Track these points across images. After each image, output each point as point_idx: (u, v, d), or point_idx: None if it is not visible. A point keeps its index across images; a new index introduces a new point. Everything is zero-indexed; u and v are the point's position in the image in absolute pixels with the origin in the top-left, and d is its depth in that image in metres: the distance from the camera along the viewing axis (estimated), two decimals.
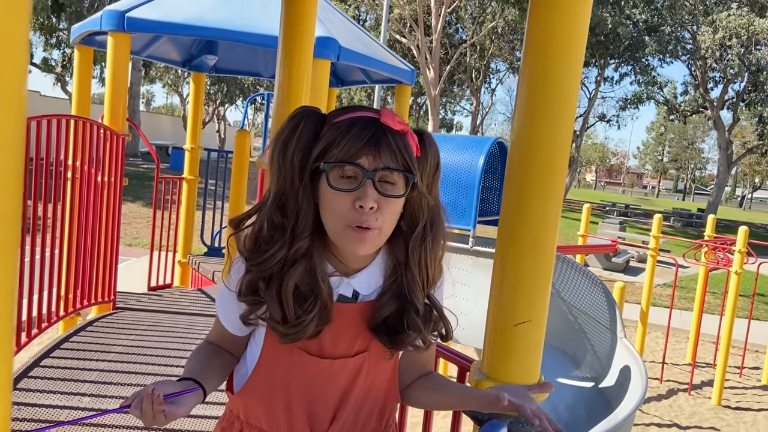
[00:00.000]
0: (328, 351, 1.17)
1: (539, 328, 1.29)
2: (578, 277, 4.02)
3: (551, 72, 1.29)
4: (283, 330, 1.12)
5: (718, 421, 6.23)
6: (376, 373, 1.22)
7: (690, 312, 9.48)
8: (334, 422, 1.19)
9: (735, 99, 29.28)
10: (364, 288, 1.19)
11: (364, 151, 1.07)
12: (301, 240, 1.11)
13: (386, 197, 1.08)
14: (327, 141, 1.09)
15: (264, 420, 1.20)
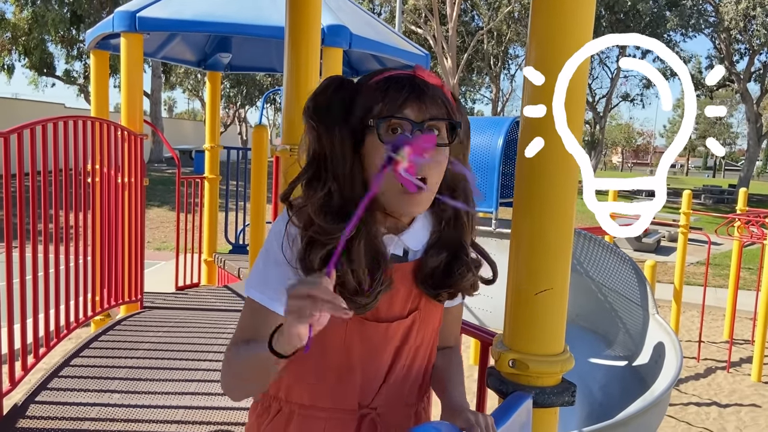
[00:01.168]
0: (384, 314, 1.16)
1: (561, 295, 1.24)
2: (606, 255, 3.95)
3: (559, 39, 1.25)
4: (359, 300, 1.08)
5: (759, 398, 6.09)
6: (425, 330, 1.21)
7: (725, 289, 9.28)
8: (384, 386, 1.18)
9: (762, 70, 28.58)
10: (414, 244, 1.18)
11: (408, 104, 1.06)
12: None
13: (436, 147, 1.07)
14: (368, 101, 1.08)
15: (306, 395, 1.18)
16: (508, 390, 1.22)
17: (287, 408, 1.19)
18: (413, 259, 1.18)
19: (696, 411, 5.61)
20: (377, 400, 1.17)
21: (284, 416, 1.19)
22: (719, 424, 5.32)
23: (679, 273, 7.40)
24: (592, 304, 3.93)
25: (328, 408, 1.17)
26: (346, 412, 1.17)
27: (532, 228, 1.26)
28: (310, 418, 1.18)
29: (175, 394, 2.69)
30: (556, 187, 1.25)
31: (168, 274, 7.73)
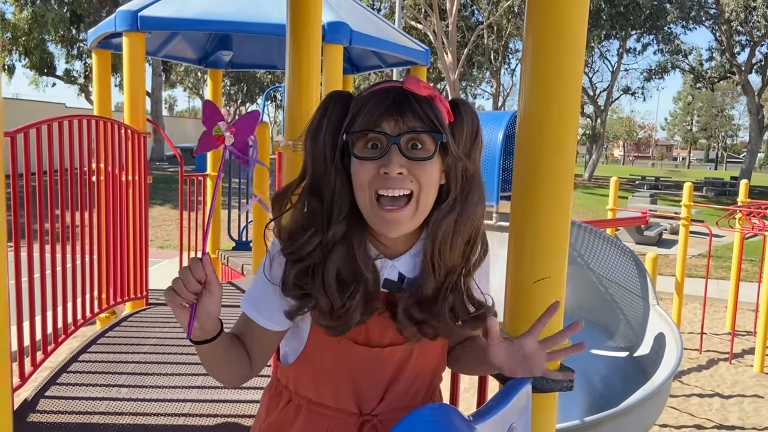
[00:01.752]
0: (376, 340, 1.14)
1: (559, 284, 1.27)
2: (607, 247, 3.97)
3: (555, 33, 1.28)
4: (330, 323, 1.08)
5: (761, 389, 6.12)
6: (427, 355, 1.19)
7: (727, 281, 9.30)
8: (383, 401, 1.17)
9: (763, 62, 28.52)
10: (410, 270, 1.14)
11: (385, 117, 1.03)
12: (337, 223, 1.07)
13: (416, 161, 1.04)
14: (352, 114, 1.07)
15: (313, 392, 1.19)
16: (508, 377, 1.26)
17: (297, 400, 1.21)
18: (407, 286, 1.13)
19: (698, 402, 5.63)
20: (378, 409, 1.18)
21: (294, 407, 1.21)
22: (722, 414, 5.35)
23: (681, 265, 7.42)
24: (593, 296, 3.96)
25: (333, 407, 1.18)
26: (348, 414, 1.17)
27: (529, 219, 1.29)
28: (317, 414, 1.18)
29: (182, 388, 2.73)
30: (553, 178, 1.27)
31: (171, 272, 7.78)
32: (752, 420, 5.26)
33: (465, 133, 1.10)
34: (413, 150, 1.04)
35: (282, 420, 1.22)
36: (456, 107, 1.11)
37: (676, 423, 5.09)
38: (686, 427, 5.04)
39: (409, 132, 1.03)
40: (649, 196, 18.08)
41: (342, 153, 1.08)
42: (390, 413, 1.18)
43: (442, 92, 12.67)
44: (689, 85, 43.87)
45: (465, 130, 1.10)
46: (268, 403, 1.27)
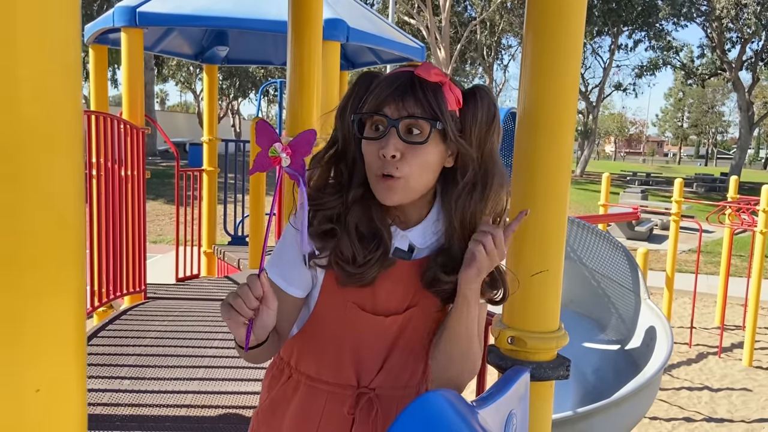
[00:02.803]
0: (382, 307, 1.20)
1: (556, 276, 1.33)
2: (599, 243, 4.04)
3: (554, 30, 1.32)
4: (351, 269, 1.14)
5: (750, 382, 6.21)
6: (421, 327, 1.24)
7: (716, 276, 9.40)
8: (381, 371, 1.23)
9: (753, 59, 28.70)
10: (419, 241, 1.20)
11: (388, 101, 1.10)
12: (354, 188, 1.16)
13: (411, 144, 1.10)
14: (367, 96, 1.15)
15: (313, 367, 1.24)
16: (507, 365, 1.31)
17: (296, 376, 1.26)
18: (418, 257, 1.20)
19: (688, 395, 5.71)
20: (375, 382, 1.22)
21: (293, 383, 1.26)
22: (711, 407, 5.43)
23: (671, 260, 7.50)
24: (585, 290, 4.02)
25: (331, 383, 1.23)
26: (345, 387, 1.22)
27: (529, 214, 1.34)
28: (314, 389, 1.23)
29: (183, 379, 2.77)
30: (551, 174, 1.33)
31: (166, 266, 7.79)
32: (741, 413, 5.34)
33: (479, 119, 1.15)
34: (409, 134, 1.11)
35: (281, 396, 1.27)
36: (472, 94, 1.17)
37: (666, 416, 5.17)
38: (676, 419, 5.12)
39: (408, 117, 1.10)
40: (640, 192, 18.21)
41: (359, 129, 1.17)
42: (387, 389, 1.23)
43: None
44: (680, 82, 44.11)
45: (479, 116, 1.15)
46: (270, 381, 1.32)
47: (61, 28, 0.45)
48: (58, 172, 0.45)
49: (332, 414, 1.23)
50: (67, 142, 0.46)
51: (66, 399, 0.45)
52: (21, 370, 0.41)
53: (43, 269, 0.42)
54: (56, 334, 0.43)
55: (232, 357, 3.05)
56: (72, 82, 0.47)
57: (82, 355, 0.46)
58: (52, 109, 0.44)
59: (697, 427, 5.00)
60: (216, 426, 2.42)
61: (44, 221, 0.43)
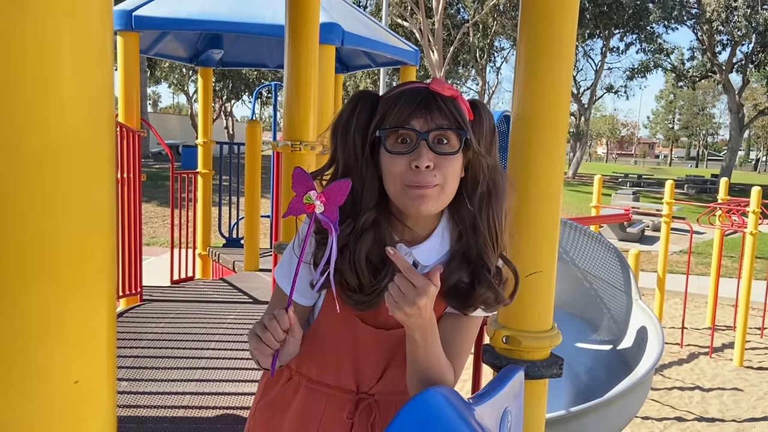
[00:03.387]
0: (383, 321, 1.22)
1: (549, 277, 1.36)
2: (591, 244, 4.08)
3: (547, 34, 1.36)
4: (359, 298, 1.17)
5: (741, 382, 6.25)
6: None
7: (707, 277, 9.46)
8: (381, 381, 1.25)
9: (744, 61, 28.91)
10: (425, 258, 1.22)
11: (415, 115, 1.13)
12: (367, 211, 1.17)
13: (442, 155, 1.13)
14: (382, 112, 1.16)
15: (314, 370, 1.27)
16: (501, 364, 1.35)
17: (296, 378, 1.29)
18: (422, 273, 1.20)
19: (680, 395, 5.75)
20: (375, 389, 1.25)
21: (293, 384, 1.29)
22: (702, 407, 5.47)
23: (663, 261, 7.55)
24: (578, 291, 4.06)
25: (331, 386, 1.26)
26: (345, 392, 1.25)
27: (521, 215, 1.37)
28: (315, 392, 1.26)
29: (181, 381, 2.79)
30: (544, 177, 1.36)
31: (160, 269, 7.78)
32: (732, 412, 5.39)
33: (485, 129, 1.21)
34: (440, 145, 1.14)
35: (281, 397, 1.30)
36: (475, 107, 1.21)
37: (658, 415, 5.20)
38: (668, 419, 5.15)
39: (436, 129, 1.13)
40: (632, 194, 18.31)
41: (371, 148, 1.19)
42: (386, 395, 1.26)
43: None
44: (671, 84, 44.34)
45: (484, 127, 1.21)
46: (267, 381, 1.35)
47: (98, 36, 0.49)
48: (95, 176, 0.49)
49: (332, 417, 1.25)
50: (102, 147, 0.49)
51: (100, 389, 0.48)
52: (64, 364, 0.44)
53: (84, 270, 0.46)
54: (92, 330, 0.46)
55: (229, 358, 3.08)
56: (106, 90, 0.51)
57: (112, 349, 0.50)
58: (90, 117, 0.48)
59: (689, 426, 5.04)
60: (214, 426, 2.45)
61: (83, 225, 0.47)
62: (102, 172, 0.49)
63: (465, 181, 1.21)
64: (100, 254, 0.48)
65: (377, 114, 1.18)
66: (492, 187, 1.21)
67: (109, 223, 0.49)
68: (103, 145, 0.49)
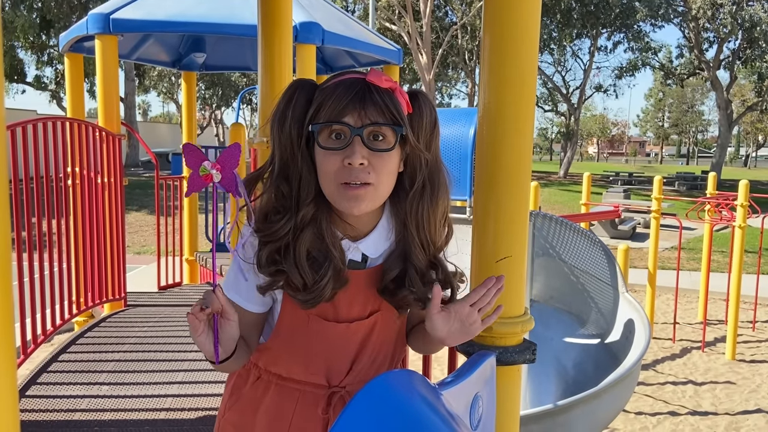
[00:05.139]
0: (344, 315, 1.21)
1: (520, 263, 1.35)
2: (577, 238, 4.07)
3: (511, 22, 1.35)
4: (303, 297, 1.14)
5: (733, 375, 6.26)
6: (388, 329, 1.26)
7: (698, 272, 9.49)
8: (350, 373, 1.24)
9: (731, 58, 29.12)
10: (372, 251, 1.21)
11: (349, 109, 1.09)
12: (305, 206, 1.14)
13: (377, 152, 1.10)
14: (317, 104, 1.12)
15: (283, 368, 1.25)
16: (474, 351, 1.32)
17: (266, 377, 1.26)
18: (372, 266, 1.21)
19: (672, 389, 5.75)
20: (346, 380, 1.24)
21: (263, 383, 1.27)
22: (695, 401, 5.47)
23: (653, 257, 7.56)
24: (565, 286, 4.05)
25: (302, 382, 1.24)
26: (317, 387, 1.23)
27: (491, 202, 1.36)
28: (286, 388, 1.24)
29: (163, 384, 2.76)
30: (512, 165, 1.35)
31: (149, 276, 7.74)
32: (725, 406, 5.39)
33: (424, 123, 1.17)
34: (375, 141, 1.11)
35: (251, 397, 1.27)
36: (415, 98, 1.17)
37: (651, 410, 5.20)
38: (661, 413, 5.15)
39: (371, 124, 1.09)
40: (623, 192, 18.37)
41: (307, 141, 1.15)
42: (358, 385, 1.23)
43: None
44: (660, 82, 44.59)
45: (424, 120, 1.17)
46: (236, 381, 1.32)
47: None
48: None
49: (305, 412, 1.23)
50: None
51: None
52: None
53: None
54: None
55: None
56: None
57: (10, 348, 0.47)
58: None
59: (682, 420, 5.03)
60: (196, 428, 2.42)
61: None
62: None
63: (404, 176, 1.18)
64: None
65: (312, 105, 1.13)
66: (428, 182, 1.19)
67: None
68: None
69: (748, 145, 73.55)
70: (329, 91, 1.12)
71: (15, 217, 2.90)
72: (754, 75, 30.65)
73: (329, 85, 1.14)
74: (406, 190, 1.18)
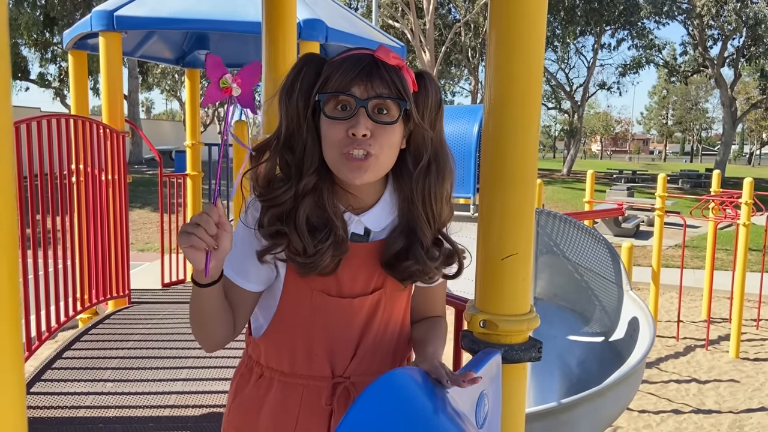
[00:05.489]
0: (347, 290, 1.21)
1: (525, 260, 1.34)
2: (581, 236, 4.06)
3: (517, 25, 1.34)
4: (302, 260, 1.15)
5: (737, 373, 6.25)
6: (392, 307, 1.26)
7: (702, 270, 9.46)
8: (354, 359, 1.23)
9: (735, 55, 29.02)
10: (374, 225, 1.23)
11: (356, 81, 1.11)
12: (308, 176, 1.16)
13: (380, 124, 1.12)
14: (325, 76, 1.15)
15: (286, 363, 1.24)
16: (479, 349, 1.32)
17: (268, 374, 1.26)
18: (375, 240, 1.23)
19: (676, 388, 5.74)
20: (350, 370, 1.23)
21: (266, 381, 1.26)
22: (699, 399, 5.46)
23: (657, 255, 7.54)
24: (569, 284, 4.04)
25: (305, 375, 1.23)
26: (320, 379, 1.23)
27: (497, 200, 1.35)
28: (289, 384, 1.24)
29: (167, 380, 2.77)
30: (518, 162, 1.34)
31: (153, 274, 7.74)
32: (728, 404, 5.38)
33: (429, 102, 1.19)
34: (379, 114, 1.13)
35: (254, 395, 1.27)
36: (421, 78, 1.20)
37: (655, 408, 5.19)
38: (664, 412, 5.14)
39: (376, 97, 1.12)
40: (627, 189, 18.31)
41: (313, 112, 1.17)
42: (361, 376, 1.24)
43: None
44: (664, 80, 44.51)
45: (429, 99, 1.19)
46: (238, 381, 1.32)
47: None
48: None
49: (310, 407, 1.23)
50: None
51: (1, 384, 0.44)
52: None
53: None
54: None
55: (215, 357, 3.05)
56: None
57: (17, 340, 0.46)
58: None
59: (686, 419, 5.03)
60: (200, 425, 2.42)
61: None
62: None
63: (407, 153, 1.20)
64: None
65: (321, 78, 1.16)
66: (434, 160, 1.21)
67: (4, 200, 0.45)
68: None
69: (752, 143, 73.30)
70: (338, 63, 1.15)
71: (20, 215, 2.90)
72: (758, 72, 30.52)
73: (338, 58, 1.17)
74: (410, 167, 1.21)
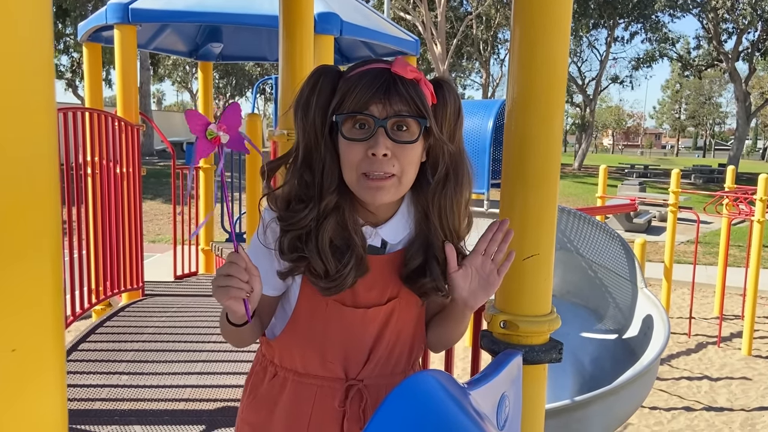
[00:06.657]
0: (362, 301, 1.21)
1: (547, 261, 1.33)
2: (595, 232, 4.04)
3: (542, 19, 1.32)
4: (325, 284, 1.14)
5: (749, 371, 6.21)
6: (406, 317, 1.26)
7: (715, 267, 9.40)
8: (368, 364, 1.23)
9: (750, 49, 28.69)
10: (391, 237, 1.22)
11: (373, 100, 1.09)
12: (329, 195, 1.14)
13: (400, 144, 1.10)
14: (341, 94, 1.11)
15: (299, 363, 1.24)
16: (499, 349, 1.31)
17: (282, 373, 1.26)
18: (391, 252, 1.22)
19: (688, 385, 5.71)
20: (363, 373, 1.23)
21: (279, 380, 1.26)
22: (710, 396, 5.44)
23: (669, 251, 7.50)
24: (582, 281, 4.02)
25: (319, 376, 1.23)
26: (334, 380, 1.23)
27: (518, 199, 1.34)
28: (303, 384, 1.24)
29: (181, 374, 2.78)
30: (540, 160, 1.33)
31: (165, 265, 7.79)
32: (740, 402, 5.35)
33: (448, 113, 1.17)
34: (398, 132, 1.11)
35: (266, 394, 1.27)
36: (439, 88, 1.17)
37: (666, 405, 5.17)
38: (676, 409, 5.12)
39: (395, 116, 1.09)
40: (638, 184, 18.20)
41: (330, 130, 1.15)
42: (375, 379, 1.24)
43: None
44: (677, 74, 44.12)
45: (448, 110, 1.17)
46: (253, 380, 1.32)
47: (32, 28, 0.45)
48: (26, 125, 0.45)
49: (323, 407, 1.23)
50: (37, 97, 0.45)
51: (43, 359, 0.45)
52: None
53: (17, 228, 0.42)
54: (32, 295, 0.43)
55: (229, 351, 3.06)
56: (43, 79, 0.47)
57: (59, 316, 0.46)
58: (24, 105, 0.44)
59: (697, 416, 5.00)
60: (214, 419, 2.43)
61: (15, 184, 0.43)
62: (36, 121, 0.45)
63: (426, 164, 1.19)
64: (38, 215, 0.44)
65: (337, 94, 1.13)
66: (452, 173, 1.19)
67: (48, 182, 0.46)
68: (38, 92, 0.45)
69: (766, 138, 72.61)
70: (354, 80, 1.11)
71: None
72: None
73: (354, 74, 1.13)
74: (428, 179, 1.19)
